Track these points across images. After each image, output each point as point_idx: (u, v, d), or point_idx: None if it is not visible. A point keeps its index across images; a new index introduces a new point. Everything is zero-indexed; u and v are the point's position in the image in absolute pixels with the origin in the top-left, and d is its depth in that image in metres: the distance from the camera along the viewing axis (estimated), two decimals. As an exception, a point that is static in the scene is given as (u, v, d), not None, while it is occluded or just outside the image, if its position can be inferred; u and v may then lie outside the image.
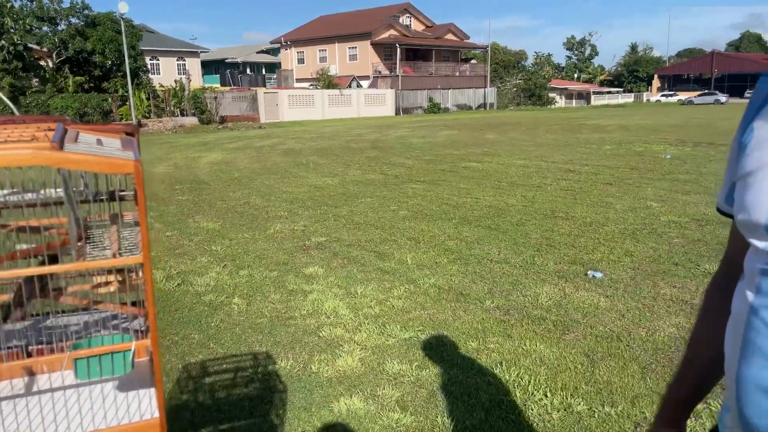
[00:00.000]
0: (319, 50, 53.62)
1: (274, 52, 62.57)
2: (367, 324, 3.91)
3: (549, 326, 3.80)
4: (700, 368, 1.08)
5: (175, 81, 34.39)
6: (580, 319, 3.89)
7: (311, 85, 46.49)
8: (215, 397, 2.99)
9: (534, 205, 7.67)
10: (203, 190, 9.83)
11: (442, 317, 4.00)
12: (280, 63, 57.75)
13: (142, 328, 1.30)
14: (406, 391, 3.03)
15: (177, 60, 49.01)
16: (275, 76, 54.96)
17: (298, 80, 51.68)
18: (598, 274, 4.76)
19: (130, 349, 1.09)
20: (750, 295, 0.86)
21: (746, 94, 65.85)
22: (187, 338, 3.76)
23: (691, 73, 77.51)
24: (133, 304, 1.33)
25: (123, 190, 1.35)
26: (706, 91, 61.67)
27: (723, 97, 55.34)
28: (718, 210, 1.11)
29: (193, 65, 49.41)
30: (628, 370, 3.18)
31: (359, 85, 48.77)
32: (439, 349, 3.52)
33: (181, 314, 4.19)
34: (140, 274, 1.27)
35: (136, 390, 1.19)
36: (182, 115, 32.28)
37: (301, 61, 55.04)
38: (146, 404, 1.15)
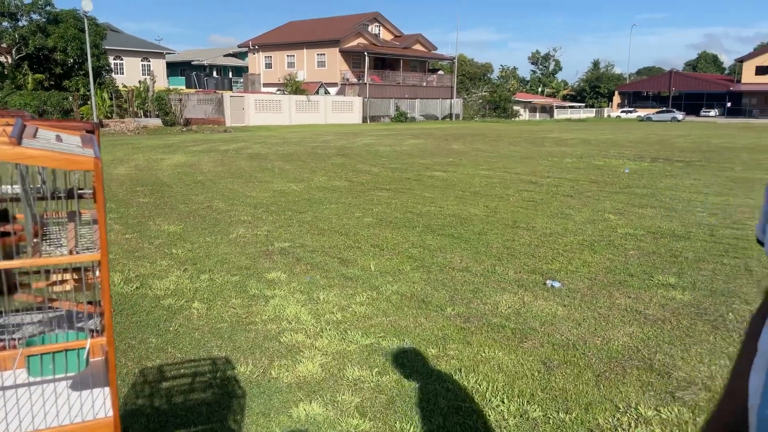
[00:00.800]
0: (288, 56, 53.42)
1: (241, 55, 62.02)
2: (329, 330, 3.91)
3: (508, 334, 3.86)
4: (742, 401, 0.99)
5: (139, 82, 33.79)
6: (538, 328, 3.97)
7: (278, 90, 46.23)
8: (172, 402, 2.95)
9: (496, 215, 7.79)
10: (165, 192, 9.67)
11: (404, 324, 4.03)
12: (247, 67, 57.28)
13: (98, 327, 1.28)
14: (366, 396, 3.04)
15: (141, 60, 48.16)
16: (242, 80, 54.47)
17: (266, 85, 51.30)
18: (557, 284, 4.86)
19: (85, 347, 1.08)
20: None
21: (702, 113, 68.25)
22: (145, 342, 3.69)
23: (650, 90, 79.92)
24: (89, 303, 1.31)
25: (81, 189, 1.34)
26: (664, 108, 63.67)
27: (680, 115, 57.17)
28: (758, 241, 1.05)
29: (158, 66, 48.60)
30: (582, 378, 3.26)
31: (327, 92, 48.73)
32: (399, 355, 3.55)
33: (139, 318, 4.11)
34: (97, 272, 1.26)
35: (89, 389, 1.18)
36: (146, 116, 31.70)
37: (268, 65, 54.71)
38: (100, 403, 1.14)
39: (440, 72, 61.65)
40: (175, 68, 58.36)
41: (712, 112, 67.95)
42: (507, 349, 3.62)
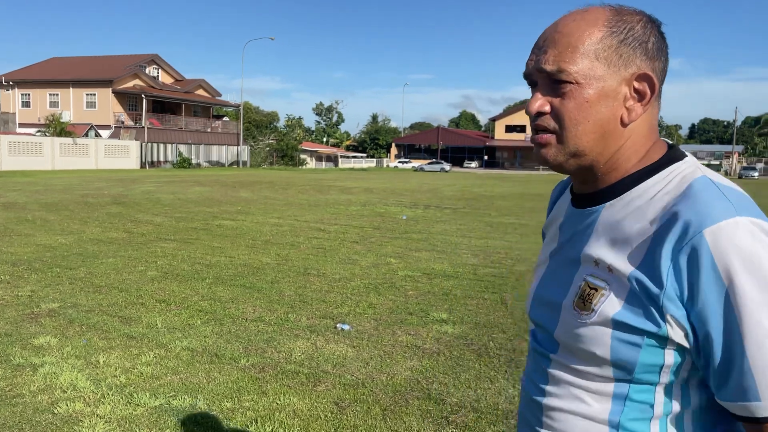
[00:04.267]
0: (50, 94, 48.39)
1: (-8, 90, 54.38)
2: (112, 395, 3.63)
3: (302, 379, 3.98)
4: None
5: None
6: (330, 370, 4.15)
7: (39, 131, 41.54)
8: None
9: (288, 262, 7.94)
10: None
11: (196, 380, 3.91)
12: (-1, 104, 50.44)
13: None
14: (158, 461, 2.90)
15: None
16: (-8, 119, 47.71)
17: (22, 125, 45.75)
18: (346, 327, 5.13)
19: None
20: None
21: (465, 164, 77.32)
22: None
23: (422, 143, 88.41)
24: None
25: None
26: (434, 160, 70.76)
27: (447, 166, 63.97)
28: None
29: None
30: (371, 413, 3.50)
31: (98, 135, 45.03)
32: (192, 413, 3.44)
33: None
34: None
35: None
36: None
37: (26, 104, 48.93)
38: None
39: (225, 118, 60.99)
40: None
41: (473, 164, 77.50)
42: (301, 394, 3.73)
